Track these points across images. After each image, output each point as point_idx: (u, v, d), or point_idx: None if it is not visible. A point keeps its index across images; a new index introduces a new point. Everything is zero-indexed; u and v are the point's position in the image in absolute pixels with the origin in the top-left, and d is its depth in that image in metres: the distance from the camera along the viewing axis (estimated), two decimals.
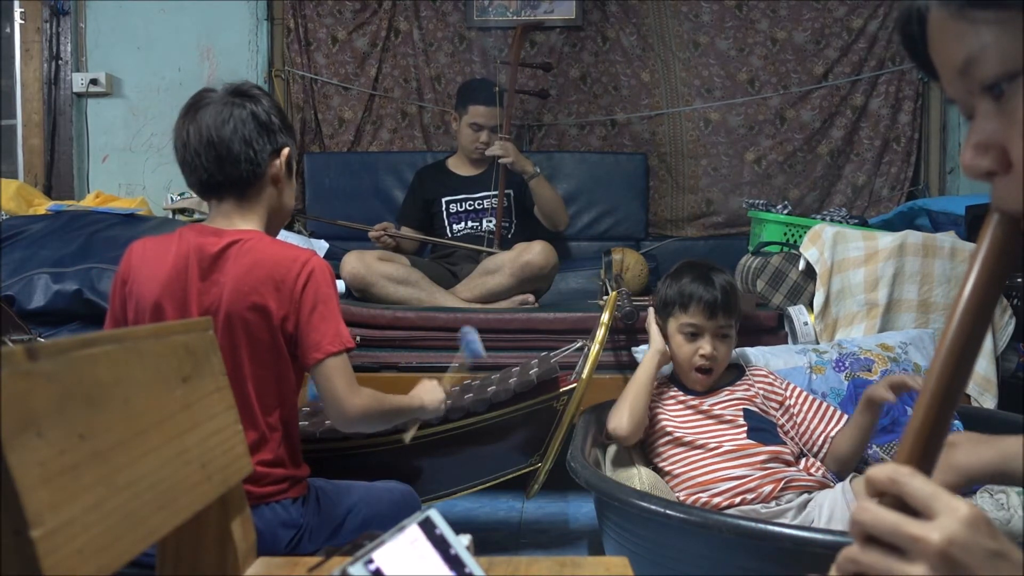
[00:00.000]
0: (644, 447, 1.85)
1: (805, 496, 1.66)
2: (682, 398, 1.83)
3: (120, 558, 0.71)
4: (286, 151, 1.43)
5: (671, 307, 1.82)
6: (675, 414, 1.80)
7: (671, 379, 1.89)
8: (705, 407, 1.79)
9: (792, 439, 1.80)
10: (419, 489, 1.64)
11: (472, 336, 1.60)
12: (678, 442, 1.77)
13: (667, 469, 1.76)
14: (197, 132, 1.36)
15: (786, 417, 1.82)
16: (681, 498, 1.70)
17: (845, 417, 1.81)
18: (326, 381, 1.33)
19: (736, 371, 1.89)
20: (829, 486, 1.69)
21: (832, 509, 1.61)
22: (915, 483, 0.53)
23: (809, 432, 1.81)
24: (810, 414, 1.82)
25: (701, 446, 1.74)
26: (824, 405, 1.85)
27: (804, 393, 1.88)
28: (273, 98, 1.45)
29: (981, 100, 0.54)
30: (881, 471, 0.54)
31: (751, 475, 1.67)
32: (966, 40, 0.53)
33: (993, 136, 0.53)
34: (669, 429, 1.78)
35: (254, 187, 1.40)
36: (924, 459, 0.55)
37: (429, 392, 1.51)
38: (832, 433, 1.78)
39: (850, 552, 0.55)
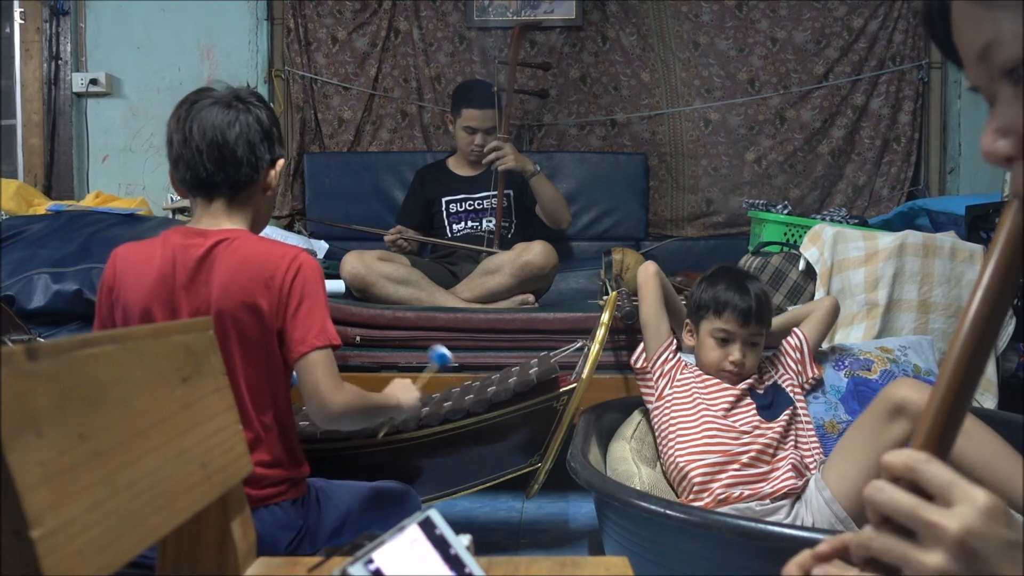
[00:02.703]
0: (653, 412, 1.88)
1: (794, 498, 1.72)
2: (705, 376, 1.87)
3: (120, 558, 0.71)
4: (281, 162, 1.45)
5: (705, 311, 1.85)
6: (696, 384, 1.85)
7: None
8: (724, 386, 1.84)
9: (799, 385, 1.93)
10: (419, 489, 1.64)
11: (438, 348, 1.60)
12: (697, 412, 1.80)
13: (675, 435, 1.79)
14: (201, 130, 1.36)
15: (786, 376, 1.92)
16: (694, 472, 1.72)
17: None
18: (309, 375, 1.32)
19: None
20: None
21: (813, 507, 1.67)
22: (932, 469, 0.52)
23: (794, 372, 1.94)
24: (788, 364, 1.96)
25: (715, 422, 1.77)
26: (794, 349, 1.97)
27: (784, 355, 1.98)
28: (271, 108, 1.46)
29: (1002, 86, 0.54)
30: (897, 457, 0.54)
31: (759, 465, 1.71)
32: (985, 26, 0.53)
33: (1013, 122, 0.53)
34: (689, 398, 1.83)
35: (246, 191, 1.41)
36: (941, 446, 0.55)
37: (405, 390, 1.50)
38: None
39: (864, 536, 0.54)
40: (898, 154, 3.55)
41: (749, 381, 1.84)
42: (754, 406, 1.80)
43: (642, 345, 1.94)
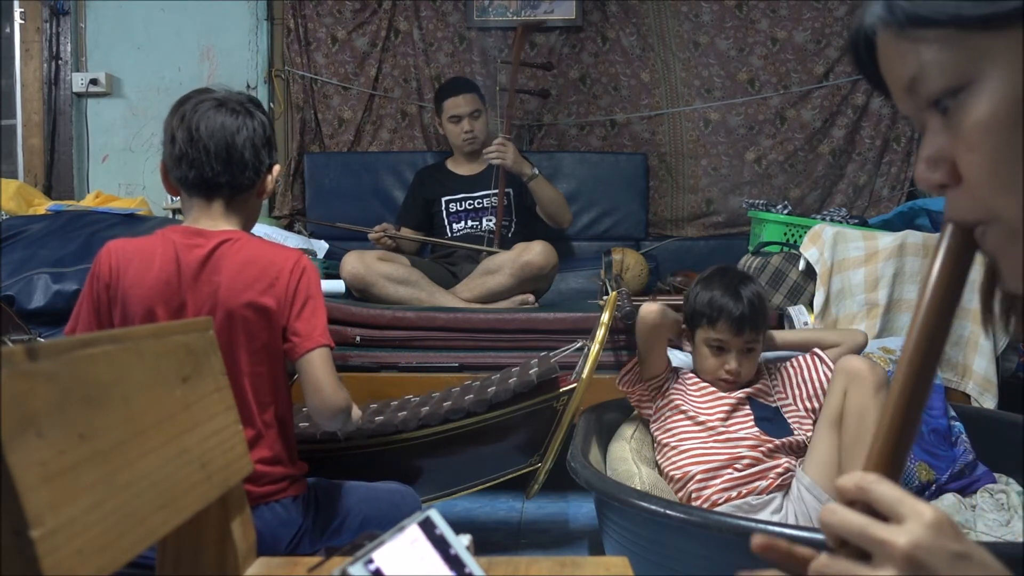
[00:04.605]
0: (652, 421, 1.88)
1: (784, 491, 1.73)
2: (701, 384, 1.86)
3: (120, 558, 0.71)
4: (277, 168, 1.48)
5: (699, 318, 1.83)
6: (692, 396, 1.84)
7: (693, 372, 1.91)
8: (720, 394, 1.83)
9: (808, 413, 1.85)
10: (419, 489, 1.64)
11: None
12: (692, 421, 1.80)
13: (673, 444, 1.80)
14: (209, 131, 1.37)
15: (792, 408, 1.86)
16: (691, 479, 1.73)
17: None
18: (316, 371, 1.34)
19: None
20: None
21: (795, 498, 1.69)
22: (881, 489, 0.54)
23: (809, 408, 1.85)
24: (806, 396, 1.87)
25: (712, 428, 1.78)
26: (811, 373, 1.87)
27: (794, 369, 1.90)
28: (268, 115, 1.48)
29: (930, 116, 0.55)
30: (848, 480, 0.56)
31: (755, 466, 1.71)
32: (909, 59, 0.54)
33: (943, 150, 0.55)
34: (683, 408, 1.82)
35: (245, 194, 1.43)
36: (891, 466, 0.57)
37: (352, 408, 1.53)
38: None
39: (819, 562, 0.56)
40: (898, 154, 3.55)
41: (748, 390, 1.83)
42: (752, 416, 1.79)
43: (630, 367, 1.89)
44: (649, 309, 1.82)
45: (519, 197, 3.11)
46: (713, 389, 1.83)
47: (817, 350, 1.89)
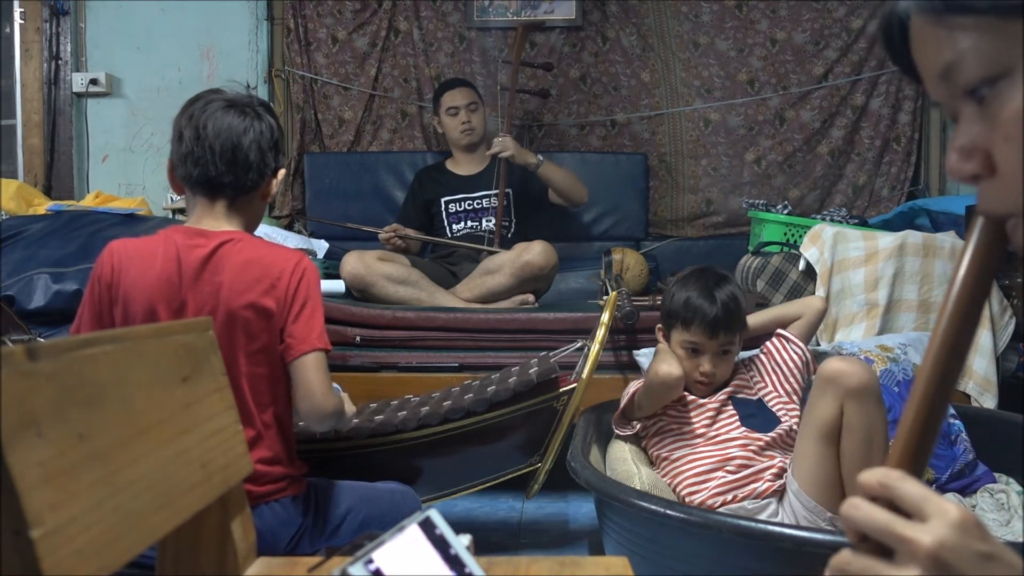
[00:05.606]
0: (643, 438, 1.88)
1: (780, 495, 1.72)
2: (683, 394, 1.85)
3: (120, 558, 0.71)
4: (282, 172, 1.49)
5: (674, 320, 1.83)
6: (676, 406, 1.84)
7: None
8: (701, 400, 1.83)
9: (792, 396, 1.85)
10: (419, 489, 1.64)
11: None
12: (678, 432, 1.80)
13: (664, 455, 1.80)
14: (216, 131, 1.38)
15: (774, 395, 1.87)
16: (682, 484, 1.73)
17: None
18: (310, 374, 1.35)
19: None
20: None
21: (787, 504, 1.67)
22: (906, 486, 0.53)
23: (790, 390, 1.86)
24: (784, 381, 1.87)
25: (700, 435, 1.77)
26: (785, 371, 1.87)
27: (770, 365, 1.90)
28: (277, 118, 1.48)
29: (964, 104, 0.54)
30: (872, 475, 0.55)
31: (748, 467, 1.71)
32: (946, 46, 0.53)
33: (977, 140, 0.53)
34: (669, 420, 1.82)
35: (248, 196, 1.43)
36: (914, 463, 0.56)
37: (345, 402, 1.53)
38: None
39: (840, 558, 0.55)
40: (898, 154, 3.55)
41: (728, 389, 1.83)
42: (737, 416, 1.79)
43: (623, 416, 1.87)
44: (671, 373, 1.73)
45: (519, 197, 3.11)
46: (694, 397, 1.83)
47: (780, 330, 1.91)
